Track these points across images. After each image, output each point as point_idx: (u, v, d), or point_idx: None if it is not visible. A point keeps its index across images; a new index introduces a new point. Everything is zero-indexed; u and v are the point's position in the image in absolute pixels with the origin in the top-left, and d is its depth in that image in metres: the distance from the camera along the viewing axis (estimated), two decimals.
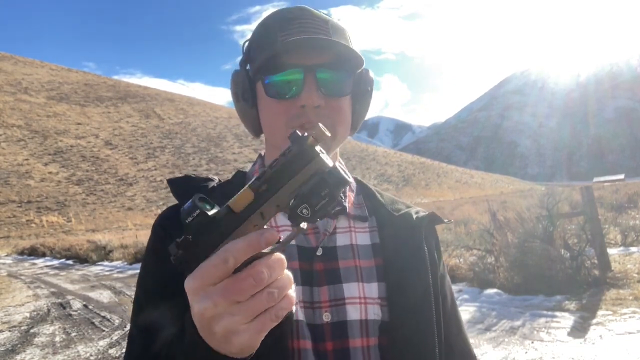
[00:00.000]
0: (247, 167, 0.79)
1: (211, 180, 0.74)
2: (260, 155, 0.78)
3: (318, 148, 0.38)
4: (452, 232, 9.99)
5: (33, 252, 27.26)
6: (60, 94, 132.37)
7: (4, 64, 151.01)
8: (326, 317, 0.48)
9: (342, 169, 0.39)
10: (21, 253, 29.50)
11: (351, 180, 0.40)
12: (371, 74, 0.72)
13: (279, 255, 0.39)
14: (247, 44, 0.72)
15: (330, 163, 0.38)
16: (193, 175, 0.74)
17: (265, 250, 0.38)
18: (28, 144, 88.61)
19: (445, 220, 0.77)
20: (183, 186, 0.71)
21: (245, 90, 0.69)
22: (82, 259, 19.11)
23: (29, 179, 70.61)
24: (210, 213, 0.38)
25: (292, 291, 0.40)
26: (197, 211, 0.38)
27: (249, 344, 0.40)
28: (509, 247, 5.91)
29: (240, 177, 0.76)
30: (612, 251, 6.60)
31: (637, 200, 13.99)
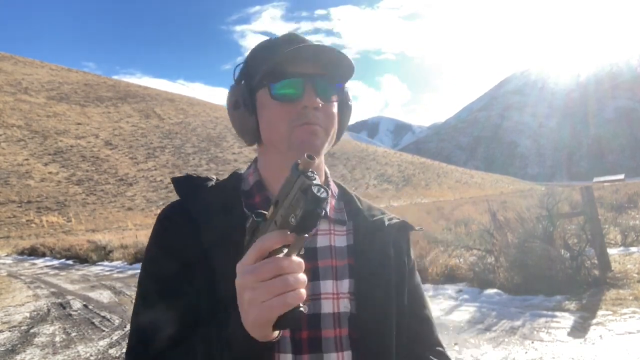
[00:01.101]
0: (243, 169, 0.86)
1: (210, 179, 0.82)
2: (255, 159, 0.85)
3: (305, 171, 0.50)
4: (452, 232, 10.00)
5: (33, 252, 27.26)
6: (60, 94, 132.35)
7: (4, 64, 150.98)
8: (304, 310, 0.54)
9: (320, 186, 0.49)
10: (21, 253, 29.49)
11: (324, 196, 0.47)
12: (351, 96, 0.84)
13: (298, 258, 0.52)
14: (241, 66, 0.82)
15: (311, 183, 0.49)
16: (194, 175, 0.82)
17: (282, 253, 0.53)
18: (28, 144, 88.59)
19: (416, 228, 0.88)
20: (185, 184, 0.80)
21: (246, 99, 0.77)
22: (82, 259, 19.10)
23: (29, 179, 70.61)
24: (259, 220, 0.57)
25: (302, 290, 0.51)
26: (251, 220, 0.58)
27: (259, 319, 0.51)
28: (509, 247, 5.91)
29: (236, 178, 0.83)
30: (612, 251, 6.60)
31: (637, 200, 13.99)
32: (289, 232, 0.51)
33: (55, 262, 20.36)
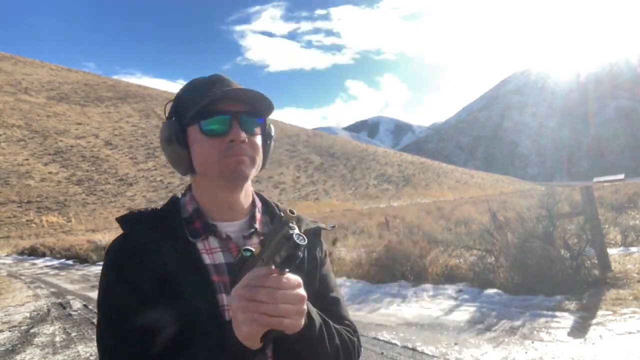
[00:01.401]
0: (180, 193, 0.96)
1: (150, 210, 0.91)
2: (189, 186, 0.95)
3: (288, 222, 0.64)
4: (452, 232, 10.00)
5: (33, 252, 27.26)
6: (60, 94, 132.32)
7: (4, 64, 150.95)
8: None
9: (299, 235, 0.63)
10: (21, 253, 29.50)
11: (303, 243, 0.63)
12: (273, 129, 0.97)
13: (278, 280, 0.65)
14: (172, 104, 0.93)
15: (293, 232, 0.63)
16: (136, 211, 0.91)
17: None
18: (28, 144, 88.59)
19: (329, 227, 1.03)
20: (129, 220, 0.88)
21: (178, 135, 0.87)
22: (82, 259, 19.10)
23: (29, 179, 70.60)
24: (248, 255, 0.71)
25: (283, 308, 0.64)
26: (240, 255, 0.72)
27: (248, 335, 0.66)
28: (509, 247, 5.91)
29: (175, 205, 0.92)
30: (612, 251, 6.60)
31: (637, 200, 13.99)
32: (273, 267, 0.65)
33: (55, 262, 20.36)
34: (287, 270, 0.65)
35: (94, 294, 9.25)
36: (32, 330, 6.29)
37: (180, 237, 0.84)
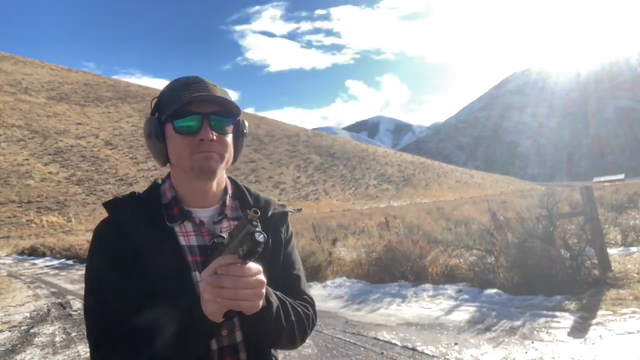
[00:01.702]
0: (160, 181, 1.07)
1: (133, 196, 1.03)
2: (168, 174, 1.06)
3: (251, 220, 0.75)
4: (452, 232, 10.00)
5: (33, 252, 27.26)
6: (60, 94, 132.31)
7: (4, 64, 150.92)
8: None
9: (260, 232, 0.75)
10: (21, 253, 29.49)
11: (262, 240, 0.74)
12: (245, 122, 1.06)
13: (239, 269, 0.77)
14: (155, 100, 1.03)
15: (254, 230, 0.74)
16: (120, 196, 1.03)
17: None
18: (28, 144, 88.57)
19: (294, 211, 1.14)
20: (113, 205, 1.01)
21: (157, 131, 0.98)
22: (82, 259, 19.07)
23: (29, 179, 70.59)
24: (220, 241, 0.83)
25: (242, 292, 0.77)
26: (213, 241, 0.85)
27: (212, 312, 0.80)
28: (509, 247, 5.90)
29: (156, 191, 1.04)
30: (612, 251, 6.60)
31: (637, 200, 13.99)
32: (237, 257, 0.77)
33: (55, 262, 20.36)
34: (248, 261, 0.77)
35: None
36: (32, 330, 6.29)
37: (160, 221, 0.97)
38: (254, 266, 0.79)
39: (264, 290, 0.81)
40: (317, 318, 1.07)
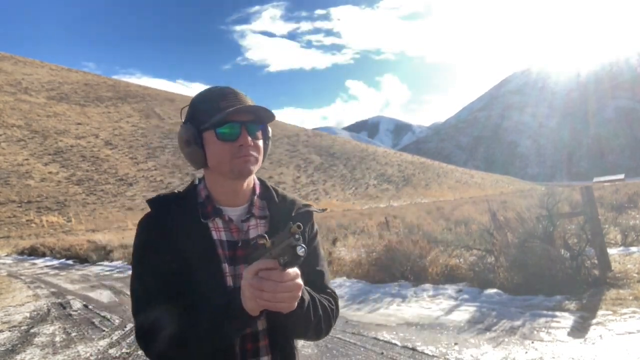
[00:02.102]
0: (197, 181, 1.17)
1: (174, 193, 1.15)
2: (203, 177, 1.16)
3: (294, 234, 0.81)
4: (452, 232, 10.00)
5: (33, 252, 27.25)
6: (60, 94, 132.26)
7: (4, 64, 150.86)
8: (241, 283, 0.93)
9: (302, 246, 0.82)
10: (21, 253, 29.49)
11: (302, 254, 0.81)
12: (269, 128, 1.15)
13: (279, 274, 0.85)
14: (186, 109, 1.13)
15: (297, 244, 0.81)
16: (162, 195, 1.14)
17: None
18: (28, 144, 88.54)
19: (319, 211, 1.24)
20: (157, 202, 1.11)
21: (196, 138, 1.07)
22: (82, 259, 19.09)
23: (29, 179, 70.57)
24: (261, 243, 0.88)
25: (279, 295, 0.85)
26: (255, 241, 0.98)
27: (251, 308, 0.89)
28: (509, 247, 5.90)
29: (193, 190, 1.14)
30: (612, 251, 6.60)
31: (637, 200, 13.99)
32: (278, 264, 0.84)
33: (55, 262, 20.35)
34: (287, 270, 0.85)
35: (94, 294, 9.25)
36: (32, 330, 6.29)
37: (196, 217, 1.08)
38: (292, 270, 0.86)
39: (300, 293, 0.88)
40: (339, 311, 1.15)
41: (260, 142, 1.11)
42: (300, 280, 0.87)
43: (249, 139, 1.06)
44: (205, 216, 1.09)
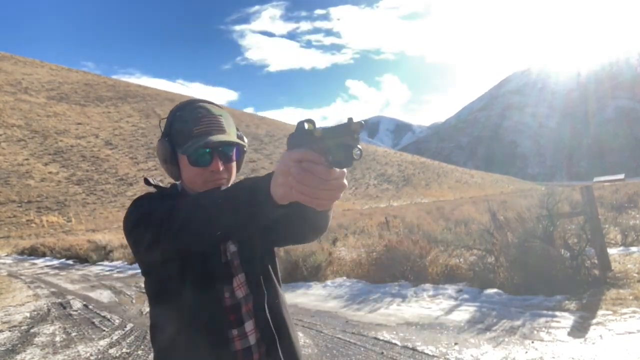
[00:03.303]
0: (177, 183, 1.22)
1: (164, 187, 1.21)
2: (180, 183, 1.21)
3: (356, 132, 0.67)
4: (452, 232, 9.99)
5: (33, 252, 27.26)
6: (60, 94, 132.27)
7: (4, 64, 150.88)
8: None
9: (359, 149, 0.68)
10: (21, 253, 29.49)
11: (357, 158, 0.69)
12: (245, 139, 1.21)
13: (326, 170, 0.72)
14: (165, 123, 1.16)
15: (355, 144, 0.68)
16: (152, 181, 1.20)
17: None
18: (28, 144, 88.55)
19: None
20: (157, 187, 1.18)
21: (172, 157, 1.13)
22: (82, 259, 19.10)
23: (29, 179, 70.58)
24: (307, 128, 0.77)
25: (314, 194, 0.73)
26: (301, 123, 0.79)
27: (281, 195, 0.77)
28: (509, 247, 5.90)
29: (173, 188, 1.20)
30: (612, 251, 6.60)
31: (637, 200, 13.99)
32: (324, 160, 0.72)
33: (56, 262, 20.36)
34: (333, 167, 0.72)
35: (94, 294, 9.26)
36: (32, 330, 6.29)
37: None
38: (339, 169, 0.75)
39: (341, 194, 0.77)
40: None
41: (234, 163, 1.16)
42: (345, 181, 0.75)
43: (220, 164, 1.11)
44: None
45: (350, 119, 0.68)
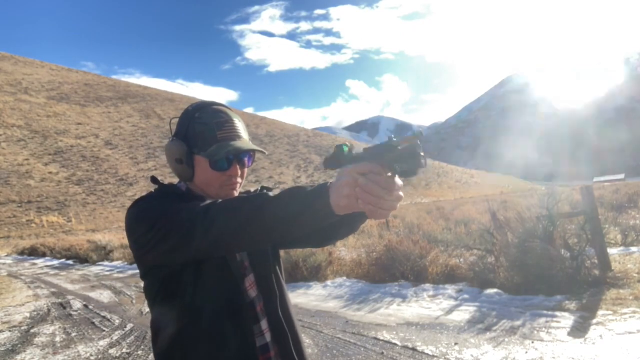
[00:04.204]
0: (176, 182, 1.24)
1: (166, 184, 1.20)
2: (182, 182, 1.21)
3: (417, 140, 0.72)
4: (452, 232, 9.99)
5: (33, 252, 27.26)
6: (60, 94, 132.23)
7: (4, 64, 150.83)
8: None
9: (424, 156, 0.72)
10: (21, 253, 29.49)
11: (424, 165, 0.73)
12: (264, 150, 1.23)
13: (391, 181, 0.77)
14: (180, 123, 1.16)
15: (419, 151, 0.72)
16: (160, 180, 1.21)
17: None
18: (28, 144, 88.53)
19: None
20: (162, 184, 1.18)
21: (187, 158, 1.13)
22: (82, 259, 19.09)
23: (29, 179, 70.56)
24: (346, 150, 0.83)
25: (379, 204, 0.77)
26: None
27: (344, 205, 0.79)
28: (509, 246, 5.90)
29: (174, 186, 1.20)
30: (612, 251, 6.59)
31: (637, 200, 13.98)
32: (391, 170, 0.76)
33: (55, 262, 20.36)
34: (398, 177, 0.76)
35: (94, 294, 9.25)
36: (32, 330, 6.29)
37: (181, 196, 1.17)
38: (398, 181, 0.79)
39: (398, 205, 0.81)
40: None
41: (246, 169, 1.20)
42: (402, 193, 0.80)
43: (238, 169, 1.15)
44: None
45: (413, 129, 0.68)
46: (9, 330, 6.40)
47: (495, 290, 5.54)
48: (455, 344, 3.97)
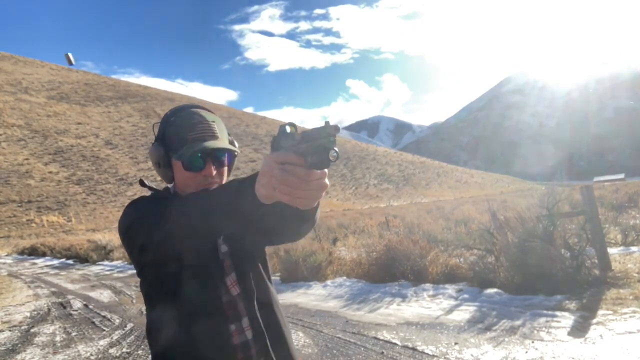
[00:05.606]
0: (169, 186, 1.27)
1: (155, 188, 1.24)
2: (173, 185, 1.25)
3: (332, 134, 0.70)
4: (452, 232, 9.99)
5: (33, 252, 27.27)
6: (61, 94, 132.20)
7: (4, 64, 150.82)
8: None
9: (336, 151, 0.70)
10: (21, 253, 29.50)
11: (333, 160, 0.71)
12: (236, 143, 1.26)
13: (307, 171, 0.74)
14: (159, 128, 1.20)
15: (332, 147, 0.71)
16: (147, 183, 1.24)
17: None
18: (28, 144, 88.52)
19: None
20: (153, 189, 1.23)
21: (165, 162, 1.17)
22: (82, 259, 19.10)
23: (29, 179, 70.56)
24: (289, 131, 0.77)
25: (297, 192, 0.75)
26: (282, 127, 0.78)
27: (265, 194, 0.79)
28: (509, 246, 5.90)
29: (166, 191, 1.25)
30: (612, 251, 6.60)
31: (637, 200, 13.98)
32: (303, 161, 0.74)
33: (56, 262, 20.36)
34: (312, 169, 0.75)
35: (95, 294, 9.25)
36: (32, 330, 6.29)
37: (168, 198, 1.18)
38: (320, 170, 0.77)
39: (323, 194, 0.79)
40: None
41: (225, 167, 1.20)
42: (326, 181, 0.78)
43: (213, 169, 1.16)
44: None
45: (326, 122, 0.71)
46: (9, 330, 6.40)
47: (495, 290, 5.54)
48: (456, 343, 3.97)
